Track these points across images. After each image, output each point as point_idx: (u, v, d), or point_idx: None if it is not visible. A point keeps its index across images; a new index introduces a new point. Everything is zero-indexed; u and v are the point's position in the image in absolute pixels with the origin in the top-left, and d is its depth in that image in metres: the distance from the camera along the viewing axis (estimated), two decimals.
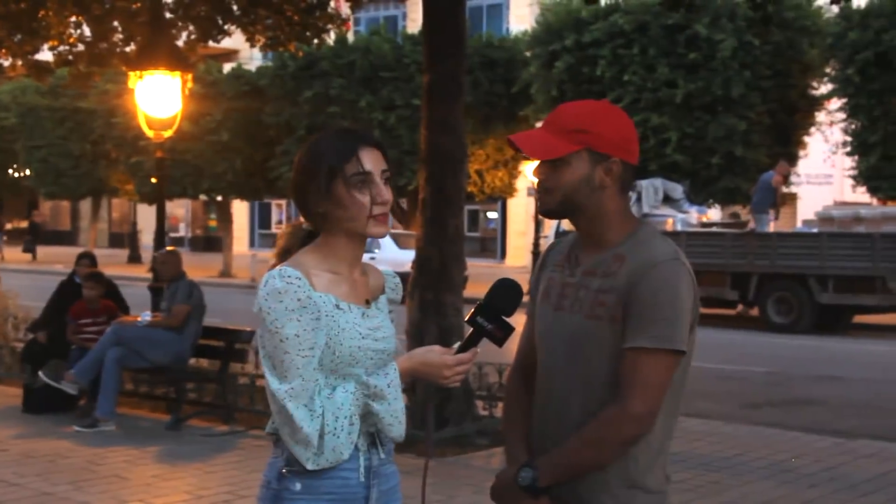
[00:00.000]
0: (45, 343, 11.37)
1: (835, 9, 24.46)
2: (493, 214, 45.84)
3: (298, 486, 2.91)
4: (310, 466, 2.84)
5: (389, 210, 2.99)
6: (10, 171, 45.40)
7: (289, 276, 2.84)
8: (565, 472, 3.02)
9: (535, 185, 3.17)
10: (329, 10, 14.27)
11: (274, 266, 2.98)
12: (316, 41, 14.62)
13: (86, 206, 51.04)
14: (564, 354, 3.09)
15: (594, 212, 3.08)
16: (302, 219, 3.07)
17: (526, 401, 3.26)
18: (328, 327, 2.88)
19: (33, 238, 45.64)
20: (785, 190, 26.22)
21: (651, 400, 2.96)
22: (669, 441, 3.14)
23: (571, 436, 3.01)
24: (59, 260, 38.68)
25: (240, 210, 47.59)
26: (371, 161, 2.94)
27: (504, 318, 2.98)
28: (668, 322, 2.95)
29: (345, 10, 15.38)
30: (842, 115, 26.13)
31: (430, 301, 9.75)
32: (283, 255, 3.01)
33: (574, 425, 3.02)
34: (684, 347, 2.99)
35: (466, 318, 2.99)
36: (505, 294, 3.01)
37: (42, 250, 45.40)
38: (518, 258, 41.56)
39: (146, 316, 10.92)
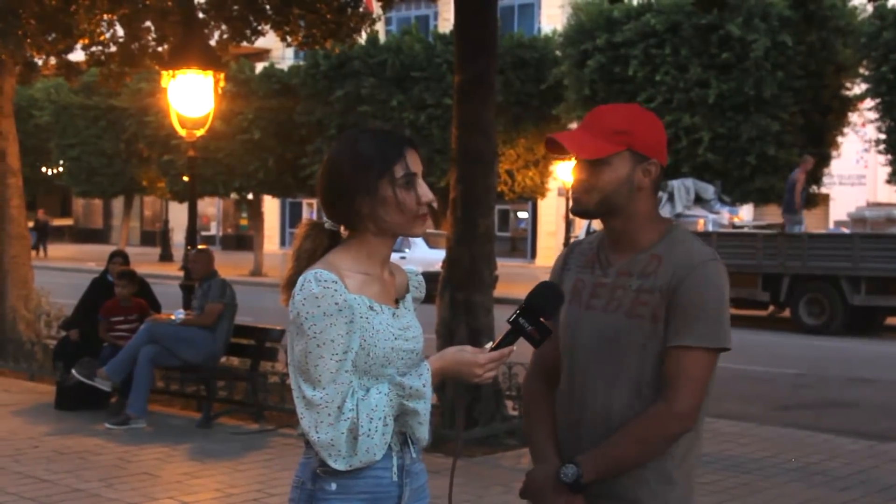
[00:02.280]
0: (77, 341, 11.44)
1: (869, 8, 24.32)
2: (523, 214, 45.80)
3: (334, 486, 2.92)
4: (340, 467, 2.85)
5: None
6: (44, 169, 45.66)
7: (325, 281, 2.85)
8: (609, 468, 3.05)
9: (571, 186, 3.19)
10: (360, 9, 14.29)
11: (292, 268, 2.99)
12: (348, 40, 14.64)
13: (118, 204, 51.28)
14: (602, 354, 3.12)
15: (629, 212, 3.13)
16: (323, 218, 3.08)
17: (549, 400, 3.29)
18: (362, 329, 2.89)
19: (40, 236, 45.74)
20: (815, 189, 26.10)
21: (696, 397, 3.03)
22: (700, 435, 3.19)
23: (616, 433, 3.04)
24: (91, 258, 38.88)
25: (271, 208, 47.73)
26: (414, 162, 2.98)
27: (542, 320, 2.99)
28: (713, 320, 3.02)
29: (377, 10, 15.37)
30: (875, 115, 25.96)
31: (460, 301, 9.74)
32: (309, 256, 3.01)
33: (617, 423, 3.06)
34: (729, 345, 3.06)
35: (508, 318, 3.01)
36: (547, 297, 3.04)
37: (74, 248, 45.60)
38: (548, 258, 41.49)
39: (179, 314, 10.96)
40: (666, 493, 3.08)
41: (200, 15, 13.92)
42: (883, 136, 25.88)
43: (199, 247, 11.87)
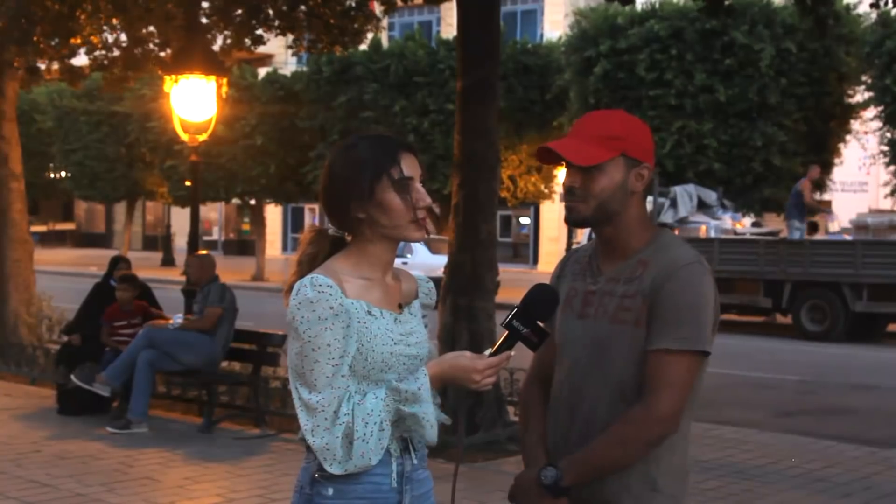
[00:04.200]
0: (79, 345, 11.43)
1: (873, 16, 24.31)
2: (525, 220, 45.81)
3: (330, 491, 2.91)
4: (335, 471, 2.85)
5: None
6: (46, 173, 45.69)
7: (320, 285, 2.85)
8: (589, 471, 3.04)
9: (563, 195, 3.18)
10: (364, 11, 14.29)
11: (295, 273, 2.99)
12: (353, 43, 14.65)
13: (120, 209, 51.33)
14: (591, 360, 3.12)
15: (623, 219, 3.12)
16: (327, 224, 3.08)
17: (544, 405, 3.30)
18: (360, 334, 2.88)
19: None
20: (817, 197, 26.07)
21: (676, 401, 2.99)
22: (687, 442, 3.17)
23: (597, 437, 3.04)
24: (93, 262, 38.89)
25: (273, 214, 47.76)
26: (410, 166, 2.97)
27: (539, 323, 2.98)
28: (693, 323, 3.00)
29: (377, 10, 15.37)
30: (877, 124, 25.95)
31: (462, 306, 9.74)
32: (311, 261, 3.01)
33: (602, 428, 3.05)
34: (709, 348, 3.03)
35: (503, 322, 3.00)
36: (542, 299, 3.02)
37: (76, 252, 45.59)
38: (550, 264, 41.46)
39: (178, 318, 10.97)
40: (650, 499, 3.07)
41: (204, 20, 13.93)
42: (885, 148, 25.86)
43: (200, 252, 11.87)
